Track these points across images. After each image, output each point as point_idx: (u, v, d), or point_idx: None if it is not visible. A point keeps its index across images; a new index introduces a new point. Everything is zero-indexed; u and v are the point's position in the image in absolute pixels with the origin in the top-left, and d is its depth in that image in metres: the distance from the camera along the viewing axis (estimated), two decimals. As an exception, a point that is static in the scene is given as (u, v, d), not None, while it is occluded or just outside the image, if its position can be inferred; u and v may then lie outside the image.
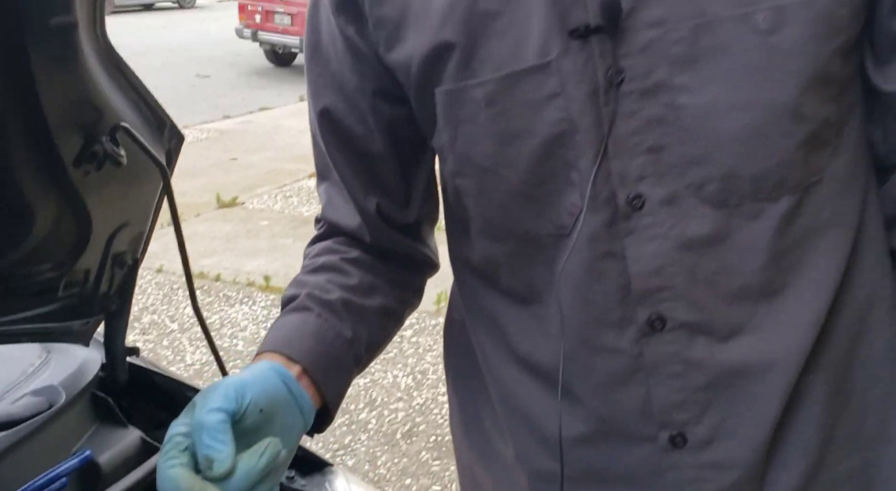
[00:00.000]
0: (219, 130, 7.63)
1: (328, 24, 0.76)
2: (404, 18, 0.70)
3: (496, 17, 0.66)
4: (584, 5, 0.63)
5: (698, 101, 0.62)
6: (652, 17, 0.62)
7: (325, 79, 0.78)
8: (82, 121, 0.82)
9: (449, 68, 0.68)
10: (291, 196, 5.76)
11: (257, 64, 11.27)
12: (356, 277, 0.81)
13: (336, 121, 0.78)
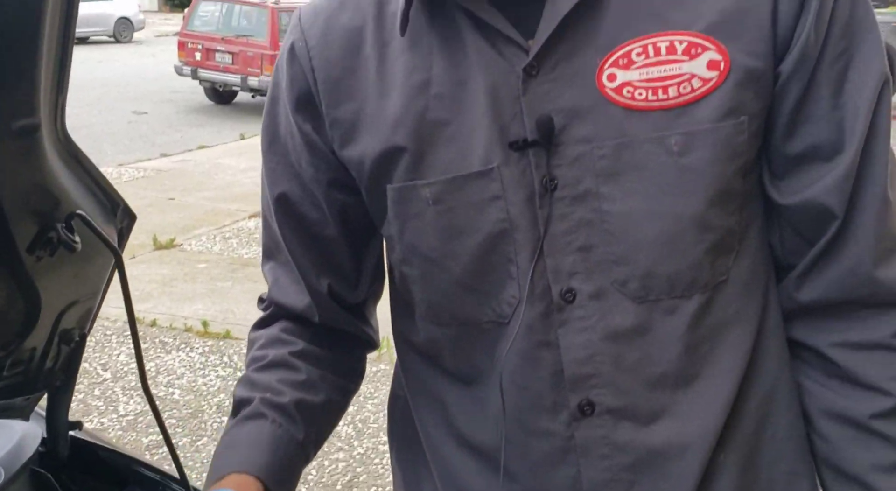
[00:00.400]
0: (156, 169, 7.52)
1: (286, 119, 0.81)
2: (359, 121, 0.76)
3: (445, 125, 0.73)
4: (522, 122, 0.71)
5: (620, 208, 0.71)
6: (580, 135, 0.70)
7: (282, 167, 0.83)
8: (39, 209, 0.84)
9: (399, 169, 0.75)
10: (231, 237, 5.70)
11: (196, 101, 11.18)
12: (304, 371, 0.85)
13: (292, 206, 0.83)
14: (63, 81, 0.76)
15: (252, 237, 5.64)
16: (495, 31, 0.70)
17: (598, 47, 0.69)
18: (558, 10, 0.68)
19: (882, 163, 0.70)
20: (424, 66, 0.73)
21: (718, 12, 0.67)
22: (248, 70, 10.28)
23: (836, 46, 0.68)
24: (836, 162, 0.70)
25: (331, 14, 0.78)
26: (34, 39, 0.66)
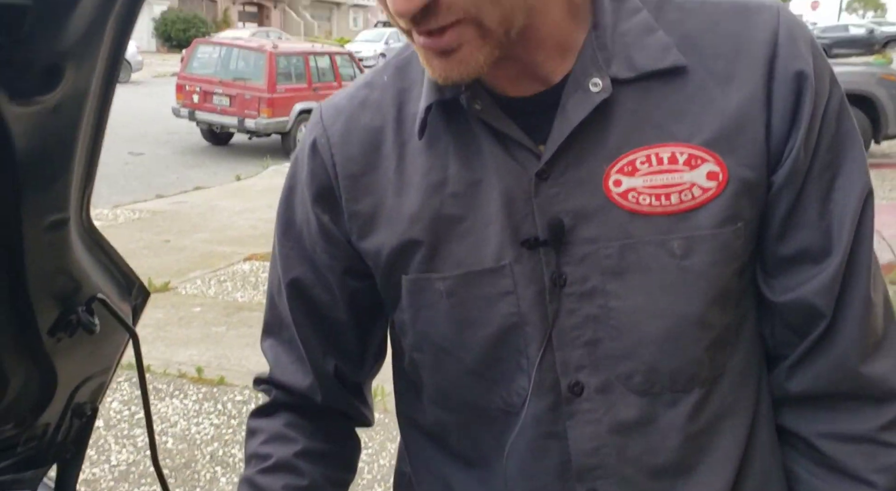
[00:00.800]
0: (151, 211, 7.55)
1: (303, 208, 0.85)
2: (377, 215, 0.80)
3: (459, 221, 0.77)
4: (534, 222, 0.75)
5: (626, 306, 0.75)
6: (587, 235, 0.74)
7: (297, 253, 0.86)
8: (62, 293, 0.87)
9: (415, 261, 0.79)
10: (225, 280, 5.71)
11: (193, 142, 11.27)
12: (308, 475, 0.88)
13: (305, 290, 0.87)
14: (91, 174, 0.79)
15: (247, 280, 5.66)
16: (509, 137, 0.74)
17: (605, 155, 0.73)
18: (569, 122, 0.72)
19: (866, 267, 0.75)
20: (441, 166, 0.77)
21: (717, 128, 0.72)
22: (245, 112, 10.41)
23: (824, 159, 0.73)
24: (824, 265, 0.74)
25: (352, 113, 0.82)
26: (70, 146, 0.69)
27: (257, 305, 5.18)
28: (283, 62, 10.83)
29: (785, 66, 0.72)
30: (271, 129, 10.64)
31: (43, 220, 0.76)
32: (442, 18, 0.64)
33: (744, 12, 0.74)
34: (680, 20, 0.74)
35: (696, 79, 0.73)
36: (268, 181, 9.12)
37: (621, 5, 0.75)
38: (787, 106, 0.72)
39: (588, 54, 0.73)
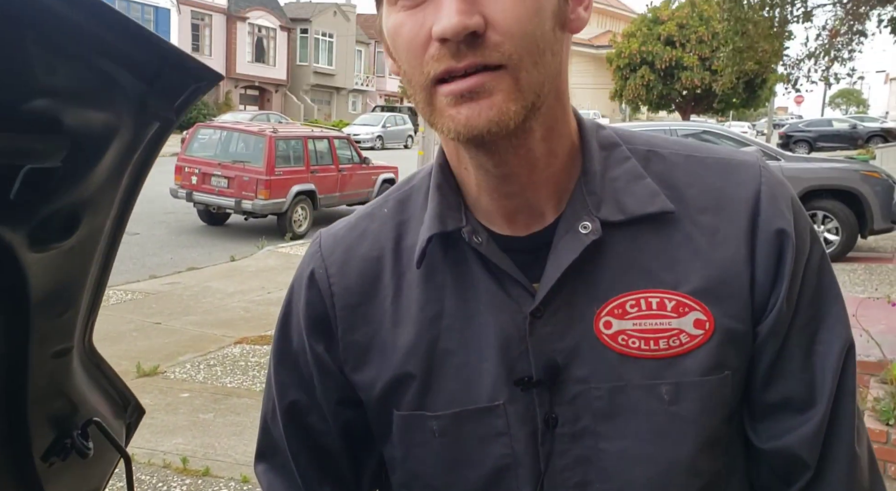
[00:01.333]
0: (144, 292, 7.54)
1: (299, 336, 0.86)
2: (372, 346, 0.81)
3: (453, 356, 0.79)
4: (528, 361, 0.76)
5: (616, 448, 0.76)
6: (579, 375, 0.76)
7: (292, 379, 0.87)
8: (59, 417, 0.88)
9: (408, 395, 0.80)
10: (215, 365, 5.64)
11: (189, 222, 11.35)
12: None
13: (300, 417, 0.87)
14: (97, 302, 0.81)
15: (237, 365, 5.60)
16: (505, 273, 0.76)
17: (596, 296, 0.75)
18: (561, 263, 0.74)
19: (849, 420, 0.77)
20: (437, 299, 0.78)
21: (704, 278, 0.74)
22: (242, 194, 10.54)
23: (806, 313, 0.76)
24: (807, 415, 0.77)
25: (351, 244, 0.83)
26: (81, 283, 0.72)
27: (246, 391, 5.11)
28: (283, 145, 11.04)
29: (767, 224, 0.75)
30: (268, 211, 10.75)
31: (49, 349, 0.77)
32: (488, 54, 0.65)
33: (726, 168, 0.78)
34: (666, 171, 0.78)
35: (683, 228, 0.75)
36: (262, 262, 9.15)
37: (610, 153, 0.78)
38: (769, 262, 0.74)
39: (578, 198, 0.76)
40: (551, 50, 0.69)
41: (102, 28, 0.54)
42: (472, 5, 0.65)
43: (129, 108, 0.63)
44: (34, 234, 0.63)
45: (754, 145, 9.59)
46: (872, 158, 16.82)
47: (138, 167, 0.72)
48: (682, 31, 26.69)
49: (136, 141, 0.68)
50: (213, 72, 0.67)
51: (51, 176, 0.60)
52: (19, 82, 0.53)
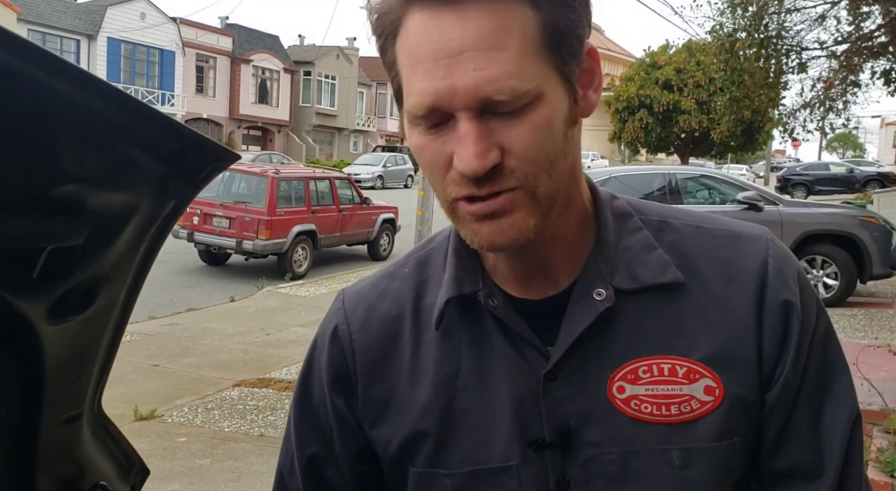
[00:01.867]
0: (143, 333, 7.52)
1: (320, 390, 0.88)
2: (390, 403, 0.84)
3: (468, 415, 0.80)
4: (541, 423, 0.78)
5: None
6: (591, 439, 0.78)
7: (314, 433, 0.89)
8: (66, 481, 0.89)
9: (423, 453, 0.82)
10: (213, 408, 5.61)
11: (189, 262, 11.37)
12: None
13: (319, 470, 0.89)
14: (108, 367, 0.83)
15: (235, 408, 5.56)
16: (520, 336, 0.78)
17: (610, 361, 0.77)
18: (575, 328, 0.76)
19: (857, 490, 0.78)
20: (454, 359, 0.81)
21: (714, 346, 0.77)
22: (243, 234, 10.58)
23: (812, 383, 0.78)
24: (815, 485, 0.78)
25: (373, 302, 0.86)
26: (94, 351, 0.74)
27: (244, 435, 5.07)
28: (285, 186, 11.14)
29: (774, 296, 0.77)
30: (268, 251, 10.78)
31: (61, 416, 0.79)
32: (505, 182, 0.70)
33: (735, 240, 0.81)
34: (678, 242, 0.81)
35: (694, 297, 0.78)
36: (262, 303, 9.14)
37: (624, 223, 0.82)
38: (776, 333, 0.77)
39: (593, 265, 0.79)
40: (563, 155, 0.73)
41: (128, 118, 0.57)
42: (488, 141, 0.68)
43: (150, 188, 0.66)
44: (53, 308, 0.65)
45: (752, 189, 9.66)
46: (870, 203, 16.93)
47: (153, 240, 0.75)
48: (680, 75, 27.09)
49: (153, 217, 0.70)
50: (230, 152, 0.70)
51: (72, 255, 0.62)
52: (47, 170, 0.56)
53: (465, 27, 0.67)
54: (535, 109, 0.69)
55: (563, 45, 0.70)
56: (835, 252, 8.81)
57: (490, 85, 0.67)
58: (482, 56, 0.67)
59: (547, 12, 0.69)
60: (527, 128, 0.69)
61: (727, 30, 11.61)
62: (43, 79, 0.49)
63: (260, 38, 40.38)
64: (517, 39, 0.67)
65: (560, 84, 0.71)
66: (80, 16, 32.02)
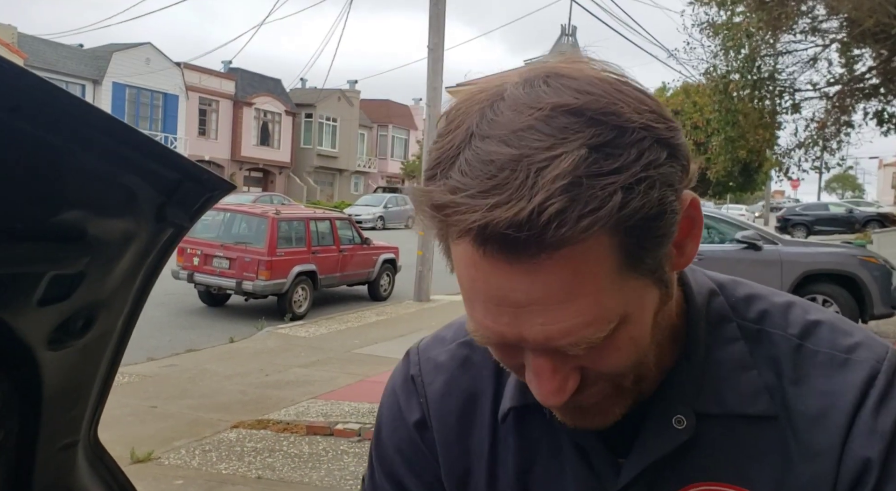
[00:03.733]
0: (141, 374, 7.48)
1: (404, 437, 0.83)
2: (469, 482, 0.79)
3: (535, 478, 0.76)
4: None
5: None
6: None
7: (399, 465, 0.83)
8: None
9: None
10: (210, 450, 5.56)
11: (189, 303, 11.37)
12: None
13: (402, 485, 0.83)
14: (104, 397, 0.84)
15: (232, 450, 5.51)
16: (590, 448, 0.74)
17: (680, 480, 0.72)
18: (650, 452, 0.71)
19: None
20: (529, 457, 0.77)
21: (787, 486, 0.69)
22: (243, 275, 10.60)
23: None
24: None
25: (453, 374, 0.81)
26: (91, 378, 0.75)
27: (241, 478, 5.01)
28: (285, 227, 11.19)
29: (856, 451, 0.68)
30: (268, 292, 10.79)
31: (57, 443, 0.80)
32: (587, 392, 0.65)
33: (838, 368, 0.71)
34: (774, 359, 0.72)
35: (779, 430, 0.70)
36: (261, 344, 9.12)
37: (718, 331, 0.73)
38: (847, 488, 0.69)
39: (677, 384, 0.72)
40: (655, 342, 0.67)
41: (129, 148, 0.60)
42: (564, 370, 0.63)
43: (148, 216, 0.68)
44: (53, 334, 0.66)
45: (751, 228, 9.71)
46: (869, 243, 16.97)
47: (151, 268, 0.77)
48: (677, 117, 27.31)
49: (151, 245, 0.72)
50: (226, 182, 0.73)
51: (72, 281, 0.64)
52: (50, 198, 0.58)
53: (531, 282, 0.57)
54: (619, 331, 0.61)
55: (650, 260, 0.60)
56: (836, 291, 8.82)
57: (563, 338, 0.60)
58: (550, 310, 0.58)
59: (630, 238, 0.58)
60: (610, 350, 0.62)
61: (721, 72, 11.80)
62: (48, 112, 0.52)
63: (262, 81, 41.00)
64: (592, 283, 0.58)
65: (649, 289, 0.63)
66: (86, 61, 32.57)
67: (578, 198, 0.54)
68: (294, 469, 5.17)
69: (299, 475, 5.05)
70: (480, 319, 0.61)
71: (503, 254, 0.56)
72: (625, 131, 0.57)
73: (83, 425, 0.83)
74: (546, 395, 0.63)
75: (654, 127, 0.59)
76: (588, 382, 0.65)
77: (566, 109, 0.57)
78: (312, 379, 7.51)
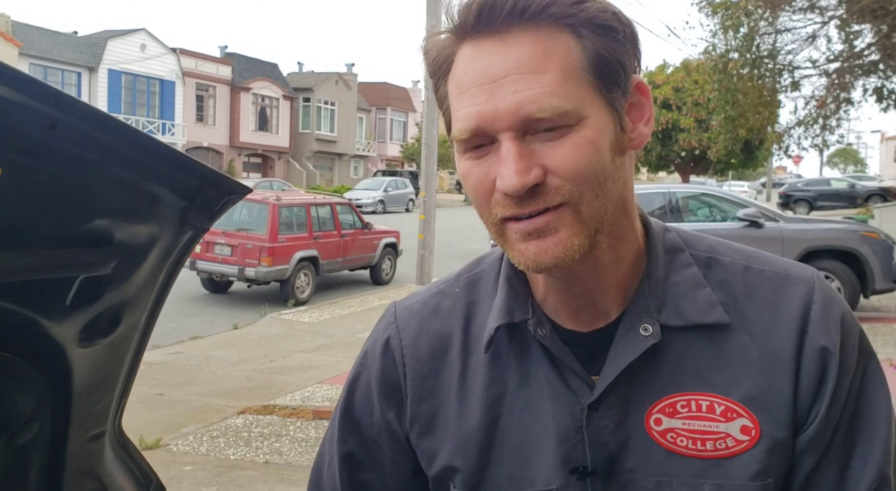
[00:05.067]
0: (147, 362, 7.54)
1: (367, 399, 0.89)
2: (437, 419, 0.86)
3: (512, 436, 0.82)
4: (584, 450, 0.80)
5: None
6: (628, 466, 0.80)
7: (354, 436, 0.90)
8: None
9: (466, 472, 0.84)
10: (218, 436, 5.62)
11: (192, 290, 11.41)
12: None
13: (356, 469, 0.90)
14: (128, 388, 0.88)
15: (239, 436, 5.58)
16: (567, 366, 0.80)
17: (650, 394, 0.79)
18: (621, 360, 0.78)
19: None
20: (501, 381, 0.83)
21: (752, 388, 0.78)
22: (245, 261, 10.64)
23: (843, 432, 0.79)
24: None
25: (424, 318, 0.89)
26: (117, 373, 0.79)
27: (249, 463, 5.09)
28: (286, 213, 11.22)
29: (813, 341, 0.78)
30: (271, 278, 10.84)
31: (86, 434, 0.84)
32: (549, 199, 0.71)
33: (783, 283, 0.82)
34: (726, 280, 0.82)
35: (737, 337, 0.79)
36: (265, 330, 9.18)
37: (674, 258, 0.83)
38: (812, 378, 0.78)
39: (641, 300, 0.80)
40: (612, 178, 0.74)
41: (153, 159, 0.64)
42: (529, 160, 0.71)
43: (171, 221, 0.72)
44: (83, 332, 0.70)
45: (753, 206, 9.72)
46: (871, 218, 16.98)
47: (172, 268, 0.81)
48: (678, 94, 27.27)
49: (172, 247, 0.76)
50: (243, 186, 0.77)
51: (101, 282, 0.68)
52: (82, 207, 0.62)
53: (507, 54, 0.71)
54: (577, 130, 0.71)
55: (606, 72, 0.72)
56: (837, 267, 8.84)
57: (531, 104, 0.70)
58: (523, 79, 0.70)
59: (590, 40, 0.72)
60: (569, 147, 0.71)
61: (720, 51, 11.77)
62: (81, 128, 0.55)
63: (259, 66, 40.81)
64: (558, 64, 0.71)
65: (605, 109, 0.73)
66: (81, 49, 32.40)
67: None
68: (301, 453, 5.24)
69: (307, 459, 5.12)
70: (464, 110, 0.72)
71: (486, 28, 0.71)
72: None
73: (109, 416, 0.87)
74: (511, 173, 0.70)
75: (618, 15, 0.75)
76: (551, 189, 0.71)
77: None
78: (317, 364, 7.57)
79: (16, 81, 0.49)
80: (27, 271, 0.61)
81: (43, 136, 0.54)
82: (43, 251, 0.61)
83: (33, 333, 0.66)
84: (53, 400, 0.75)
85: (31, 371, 0.71)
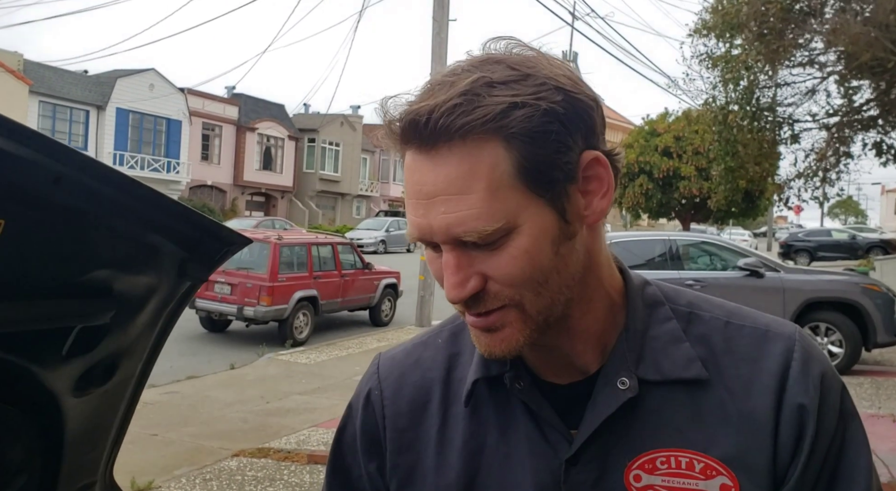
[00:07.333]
0: (142, 401, 7.31)
1: (353, 452, 0.91)
2: (415, 472, 0.86)
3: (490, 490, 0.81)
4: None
5: None
6: None
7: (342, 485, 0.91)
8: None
9: None
10: (211, 479, 5.53)
11: (190, 329, 11.35)
12: None
13: None
14: (121, 437, 0.87)
15: (233, 479, 5.49)
16: (545, 420, 0.81)
17: (629, 450, 0.79)
18: (599, 414, 0.78)
19: None
20: (480, 434, 0.83)
21: (731, 446, 0.77)
22: (245, 300, 10.60)
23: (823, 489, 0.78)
24: None
25: (406, 370, 0.90)
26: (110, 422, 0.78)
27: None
28: (287, 252, 11.21)
29: (791, 400, 0.78)
30: (269, 317, 10.77)
31: (75, 484, 0.82)
32: (490, 304, 0.74)
33: (762, 339, 0.81)
34: (705, 335, 0.82)
35: (716, 394, 0.79)
36: (262, 370, 9.10)
37: (653, 311, 0.83)
38: (790, 438, 0.77)
39: (619, 353, 0.80)
40: (556, 271, 0.76)
41: (155, 211, 0.64)
42: (468, 269, 0.74)
43: (170, 271, 0.72)
44: (78, 382, 0.70)
45: (753, 256, 9.71)
46: (872, 269, 16.96)
47: (169, 317, 0.81)
48: (679, 142, 27.50)
49: (171, 297, 0.76)
50: (242, 237, 0.77)
51: (99, 332, 0.68)
52: (82, 257, 0.62)
53: (436, 173, 0.72)
54: (511, 240, 0.73)
55: (537, 177, 0.73)
56: (838, 320, 8.76)
57: (458, 227, 0.72)
58: (451, 201, 0.72)
59: (517, 150, 0.72)
60: (505, 258, 0.73)
61: (720, 102, 11.90)
62: (85, 181, 0.56)
63: (265, 106, 41.31)
64: (484, 181, 0.71)
65: (541, 209, 0.74)
66: (90, 87, 32.87)
67: (472, 101, 0.70)
68: (295, 498, 5.13)
69: (300, 504, 5.02)
70: (409, 217, 0.75)
71: (417, 142, 0.72)
72: (531, 76, 0.73)
73: (101, 467, 0.86)
74: (449, 287, 0.73)
75: (560, 81, 0.74)
76: (490, 294, 0.74)
77: (495, 60, 0.74)
78: (313, 406, 7.49)
79: (23, 137, 0.50)
80: (25, 321, 0.61)
81: (47, 189, 0.54)
82: (41, 302, 0.60)
83: (28, 382, 0.66)
84: (44, 451, 0.74)
85: (24, 421, 0.70)
